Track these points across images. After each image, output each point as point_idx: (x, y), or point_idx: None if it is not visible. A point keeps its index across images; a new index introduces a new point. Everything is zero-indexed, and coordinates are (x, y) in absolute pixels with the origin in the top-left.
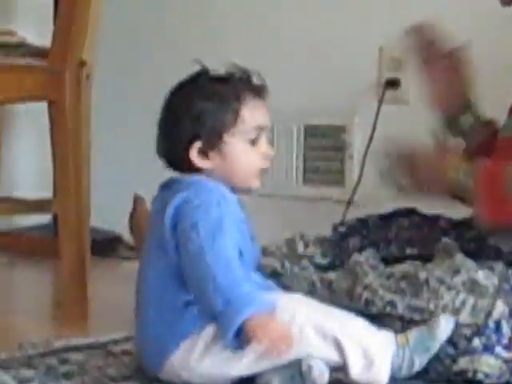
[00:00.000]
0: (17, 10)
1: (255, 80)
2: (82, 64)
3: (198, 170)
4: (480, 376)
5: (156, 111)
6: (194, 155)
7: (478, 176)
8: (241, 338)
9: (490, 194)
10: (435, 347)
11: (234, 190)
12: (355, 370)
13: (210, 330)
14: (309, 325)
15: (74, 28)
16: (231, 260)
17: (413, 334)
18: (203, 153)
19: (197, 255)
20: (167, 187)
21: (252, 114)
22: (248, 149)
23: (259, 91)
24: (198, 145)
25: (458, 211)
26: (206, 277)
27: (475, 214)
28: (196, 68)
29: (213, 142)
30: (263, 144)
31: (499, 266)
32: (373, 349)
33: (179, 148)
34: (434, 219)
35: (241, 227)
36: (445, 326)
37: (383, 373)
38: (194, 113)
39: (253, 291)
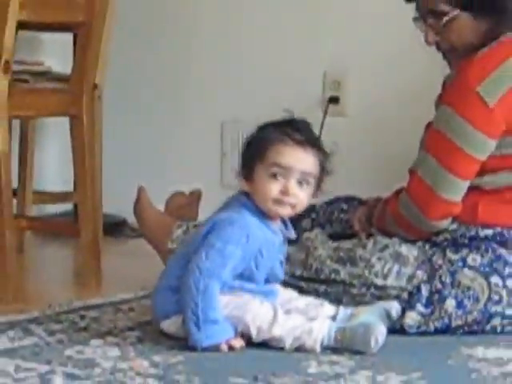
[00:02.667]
0: (44, 46)
1: (301, 131)
2: (95, 87)
3: None
4: (405, 327)
5: (153, 122)
6: (239, 179)
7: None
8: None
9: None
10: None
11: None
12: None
13: None
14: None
15: (89, 59)
16: (214, 296)
17: (348, 334)
18: (245, 178)
19: (196, 275)
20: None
21: (276, 155)
22: (267, 180)
23: (297, 141)
24: (240, 172)
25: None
26: (192, 298)
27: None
28: None
29: (247, 170)
30: (285, 182)
31: (419, 242)
32: (304, 337)
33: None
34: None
35: (256, 260)
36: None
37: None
38: (243, 149)
39: (217, 324)
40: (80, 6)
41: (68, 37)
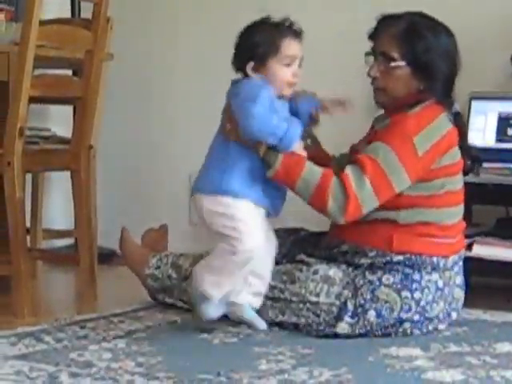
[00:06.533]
0: (50, 116)
1: (294, 26)
2: (90, 147)
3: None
4: (337, 334)
5: (137, 176)
6: (248, 70)
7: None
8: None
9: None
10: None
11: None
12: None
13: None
14: None
15: (85, 126)
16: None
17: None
18: (254, 69)
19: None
20: (235, 83)
21: (287, 47)
22: (280, 68)
23: (296, 33)
24: (251, 65)
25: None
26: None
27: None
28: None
29: (260, 63)
30: (293, 68)
31: (343, 266)
32: None
33: (241, 64)
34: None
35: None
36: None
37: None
38: (250, 43)
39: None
40: (77, 84)
41: (69, 108)
